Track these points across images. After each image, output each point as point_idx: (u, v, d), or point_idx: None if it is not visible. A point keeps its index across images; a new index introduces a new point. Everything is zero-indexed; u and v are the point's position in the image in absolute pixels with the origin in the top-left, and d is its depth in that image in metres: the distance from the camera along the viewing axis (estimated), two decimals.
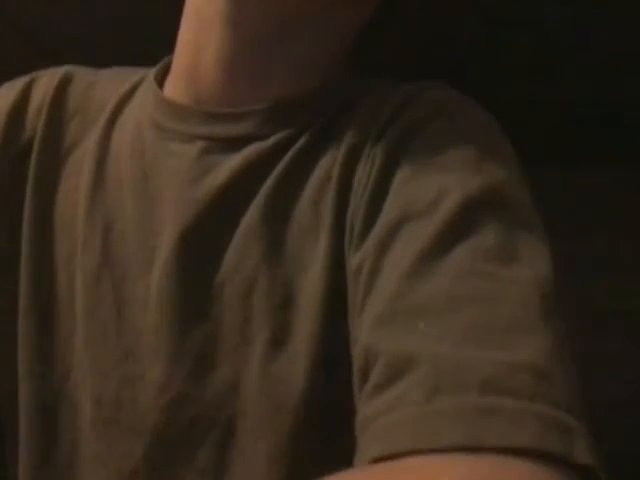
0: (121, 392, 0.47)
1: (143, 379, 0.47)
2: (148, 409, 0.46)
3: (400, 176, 0.44)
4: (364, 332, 0.38)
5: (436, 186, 0.42)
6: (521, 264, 0.38)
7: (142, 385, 0.47)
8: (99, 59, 0.62)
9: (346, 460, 0.33)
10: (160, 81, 0.56)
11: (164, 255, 0.48)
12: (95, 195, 0.51)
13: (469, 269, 0.37)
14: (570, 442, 0.30)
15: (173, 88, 0.54)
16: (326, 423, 0.44)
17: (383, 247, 0.41)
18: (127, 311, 0.48)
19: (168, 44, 0.57)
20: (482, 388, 0.31)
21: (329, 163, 0.47)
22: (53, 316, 0.50)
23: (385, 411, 0.33)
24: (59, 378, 0.49)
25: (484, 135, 0.47)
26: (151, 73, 0.57)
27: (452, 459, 0.29)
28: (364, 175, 0.45)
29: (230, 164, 0.49)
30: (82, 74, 0.58)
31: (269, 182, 0.47)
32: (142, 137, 0.53)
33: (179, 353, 0.46)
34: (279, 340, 0.44)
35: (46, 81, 0.57)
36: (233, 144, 0.50)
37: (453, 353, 0.34)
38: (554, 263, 0.39)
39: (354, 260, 0.43)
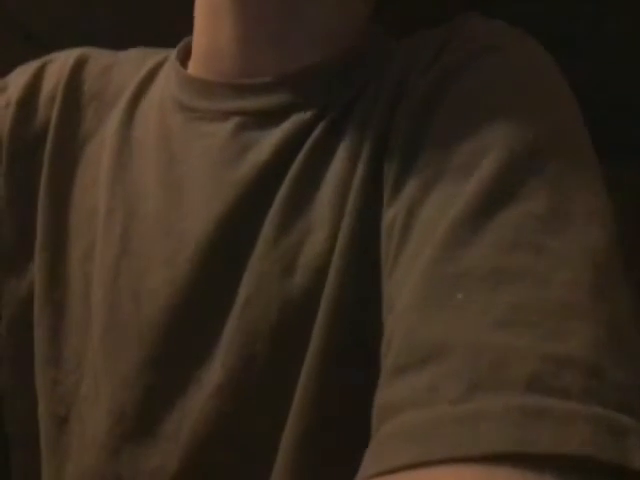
0: (146, 402, 0.42)
1: (172, 386, 0.42)
2: (181, 418, 0.41)
3: (437, 123, 0.39)
4: (399, 304, 0.34)
5: (476, 138, 0.37)
6: (574, 233, 0.33)
7: (171, 393, 0.42)
8: None
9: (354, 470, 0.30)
10: (182, 61, 0.52)
11: (193, 239, 0.44)
12: (115, 187, 0.48)
13: (514, 239, 0.33)
14: (624, 446, 0.26)
15: (195, 67, 0.51)
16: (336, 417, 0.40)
17: (415, 204, 0.37)
18: (148, 306, 0.43)
19: (168, 44, 0.58)
20: (528, 385, 0.28)
21: (362, 126, 0.44)
22: (66, 318, 0.46)
23: (412, 403, 0.29)
24: (71, 386, 0.45)
25: (536, 75, 0.42)
26: (173, 53, 0.54)
27: (460, 470, 0.26)
28: (399, 129, 0.41)
29: (271, 139, 0.45)
30: (97, 56, 0.55)
31: (300, 155, 0.44)
32: (167, 121, 0.49)
33: (212, 351, 0.42)
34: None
35: (59, 64, 0.53)
36: (270, 117, 0.46)
37: (493, 339, 0.29)
38: (613, 225, 0.34)
39: (387, 215, 0.39)
